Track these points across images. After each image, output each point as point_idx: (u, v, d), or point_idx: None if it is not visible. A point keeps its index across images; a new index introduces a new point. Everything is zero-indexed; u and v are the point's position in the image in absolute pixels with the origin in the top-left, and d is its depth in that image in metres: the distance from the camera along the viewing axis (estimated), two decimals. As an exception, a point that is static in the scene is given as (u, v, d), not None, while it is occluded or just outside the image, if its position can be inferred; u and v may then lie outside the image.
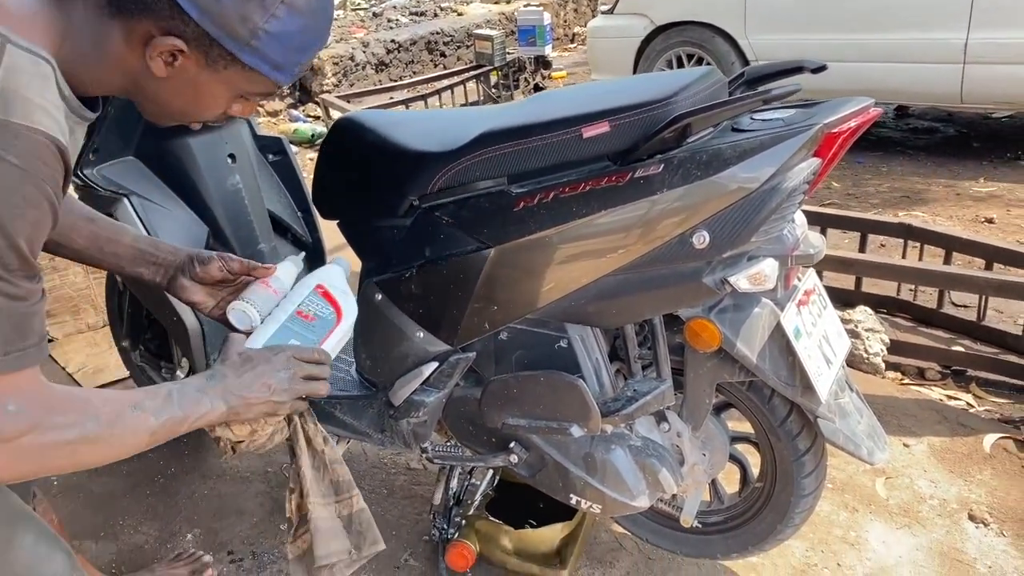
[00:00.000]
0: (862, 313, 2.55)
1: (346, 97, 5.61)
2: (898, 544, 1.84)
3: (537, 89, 6.44)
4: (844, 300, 2.68)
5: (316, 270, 1.30)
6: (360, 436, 1.63)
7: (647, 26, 5.12)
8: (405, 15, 8.32)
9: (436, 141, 1.41)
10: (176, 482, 2.13)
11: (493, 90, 6.36)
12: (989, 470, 2.07)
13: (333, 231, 1.68)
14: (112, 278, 2.25)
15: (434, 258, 1.41)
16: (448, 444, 1.65)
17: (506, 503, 1.79)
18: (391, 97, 5.86)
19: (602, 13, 5.61)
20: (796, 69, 1.40)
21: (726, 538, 1.67)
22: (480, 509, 1.77)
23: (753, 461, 1.66)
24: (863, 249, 2.86)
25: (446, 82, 6.11)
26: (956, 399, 2.37)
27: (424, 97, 5.71)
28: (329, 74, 6.47)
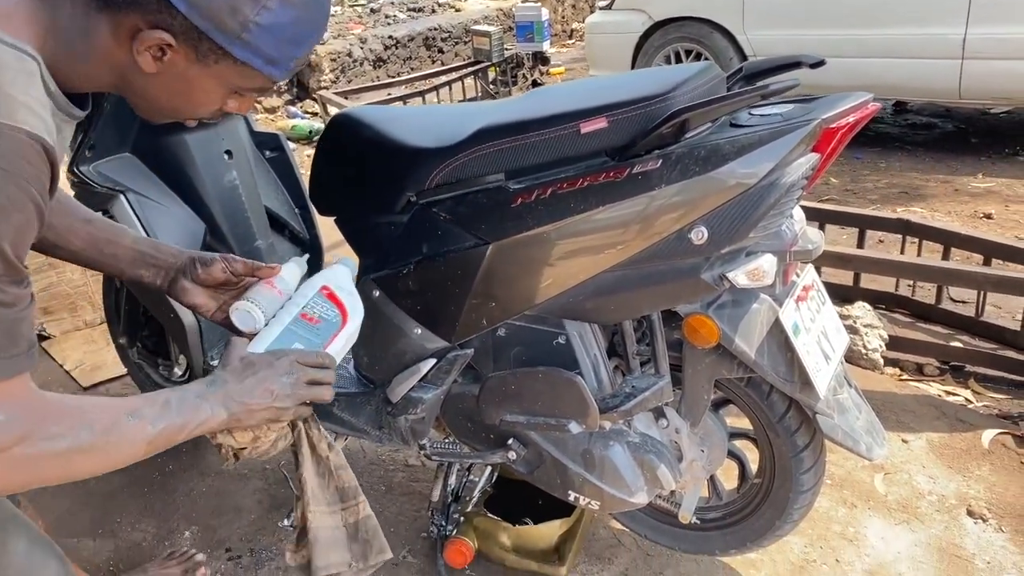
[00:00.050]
0: (860, 309, 2.55)
1: (344, 93, 5.60)
2: (897, 540, 1.84)
3: (535, 85, 6.44)
4: (842, 296, 2.67)
5: (322, 271, 1.26)
6: (358, 433, 1.63)
7: (645, 22, 5.12)
8: (403, 11, 8.30)
9: (433, 137, 1.41)
10: (174, 479, 2.13)
11: (491, 86, 6.36)
12: (987, 466, 2.07)
13: (331, 228, 1.68)
14: (109, 275, 2.25)
15: (432, 254, 1.41)
16: (446, 441, 1.65)
17: (504, 500, 1.79)
18: (389, 93, 5.86)
19: (600, 9, 5.61)
20: (794, 64, 1.40)
21: (724, 534, 1.67)
22: (478, 506, 1.77)
23: (751, 457, 1.66)
24: (861, 245, 2.85)
25: (444, 78, 6.10)
26: (955, 395, 2.37)
27: (422, 93, 5.71)
28: (327, 70, 6.45)
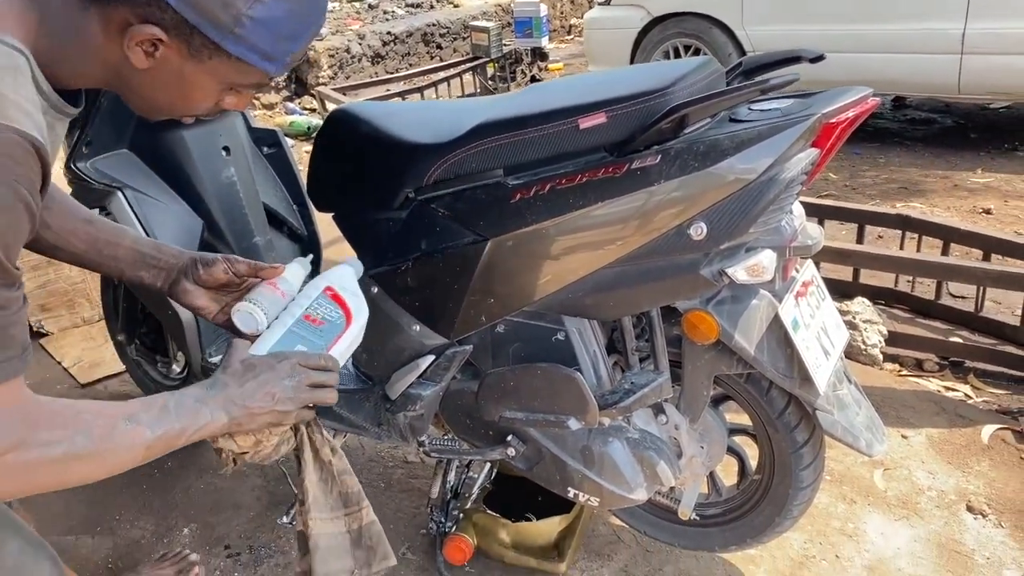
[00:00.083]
0: (860, 304, 2.54)
1: (342, 89, 5.59)
2: (896, 535, 1.84)
3: (534, 81, 6.43)
4: (842, 291, 2.67)
5: (326, 271, 1.24)
6: (357, 430, 1.63)
7: (644, 17, 5.10)
8: (401, 7, 8.28)
9: (432, 132, 1.40)
10: (172, 476, 2.12)
11: (490, 82, 6.35)
12: (987, 461, 2.07)
13: (329, 224, 1.67)
14: (107, 271, 2.24)
15: (430, 251, 1.41)
16: (445, 437, 1.65)
17: (504, 496, 1.78)
18: (387, 89, 5.85)
19: (599, 4, 5.59)
20: (794, 59, 1.39)
21: (724, 530, 1.66)
22: (478, 502, 1.77)
23: (751, 453, 1.65)
24: (861, 240, 2.85)
25: (442, 74, 6.09)
26: (954, 390, 2.37)
27: (420, 89, 5.70)
28: (325, 66, 6.44)
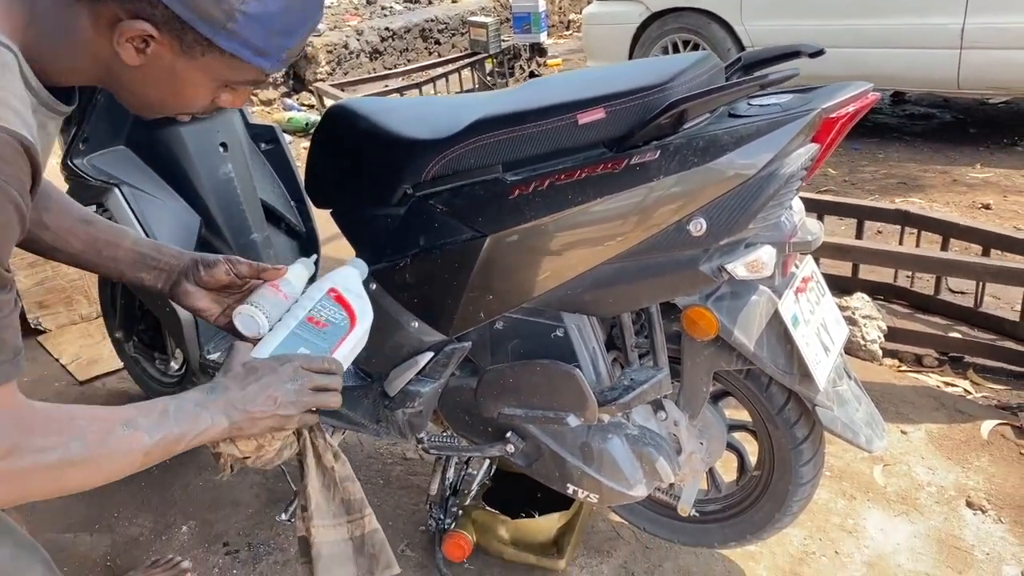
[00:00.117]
0: (859, 300, 2.54)
1: (340, 85, 5.58)
2: (896, 531, 1.84)
3: (532, 76, 6.42)
4: (841, 287, 2.67)
5: (330, 272, 1.22)
6: (356, 427, 1.62)
7: (643, 12, 5.09)
8: (399, 2, 8.27)
9: (430, 128, 1.39)
10: (171, 474, 2.12)
11: (488, 78, 6.34)
12: (987, 457, 2.07)
13: (327, 220, 1.66)
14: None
15: (429, 247, 1.40)
16: (444, 434, 1.65)
17: (503, 493, 1.78)
18: (386, 85, 5.84)
19: (597, 0, 5.58)
20: (793, 54, 1.38)
21: (724, 527, 1.66)
22: (477, 499, 1.77)
23: (751, 449, 1.65)
24: (860, 236, 2.85)
25: (441, 70, 6.08)
26: (953, 386, 2.37)
27: (419, 85, 5.69)
28: (323, 62, 6.43)
